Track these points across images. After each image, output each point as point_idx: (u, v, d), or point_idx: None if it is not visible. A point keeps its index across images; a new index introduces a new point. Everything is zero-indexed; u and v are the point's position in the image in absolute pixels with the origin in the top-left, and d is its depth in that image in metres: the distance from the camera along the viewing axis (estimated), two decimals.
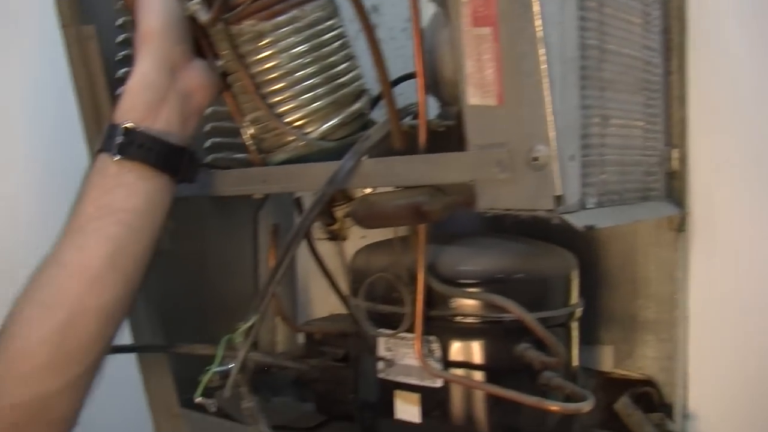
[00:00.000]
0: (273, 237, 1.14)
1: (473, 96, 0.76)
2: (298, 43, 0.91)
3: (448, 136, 0.85)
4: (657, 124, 0.98)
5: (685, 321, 1.03)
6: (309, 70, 0.92)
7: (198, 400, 0.95)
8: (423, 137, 0.83)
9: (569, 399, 0.86)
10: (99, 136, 0.89)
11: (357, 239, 1.21)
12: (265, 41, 0.91)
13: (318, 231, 1.20)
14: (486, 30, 0.74)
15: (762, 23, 0.97)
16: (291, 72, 0.92)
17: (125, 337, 1.06)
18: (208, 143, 1.16)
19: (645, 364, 1.05)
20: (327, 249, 1.25)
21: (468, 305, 0.91)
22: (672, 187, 1.01)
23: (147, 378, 1.22)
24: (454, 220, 0.85)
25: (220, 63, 0.94)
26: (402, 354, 0.94)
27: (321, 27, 0.93)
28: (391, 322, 0.93)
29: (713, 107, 1.00)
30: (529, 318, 0.85)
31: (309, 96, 0.92)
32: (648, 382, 1.04)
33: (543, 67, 0.71)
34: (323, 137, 0.93)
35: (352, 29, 0.96)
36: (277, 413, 1.12)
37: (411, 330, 0.90)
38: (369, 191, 0.92)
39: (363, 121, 0.96)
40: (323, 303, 1.36)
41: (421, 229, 0.88)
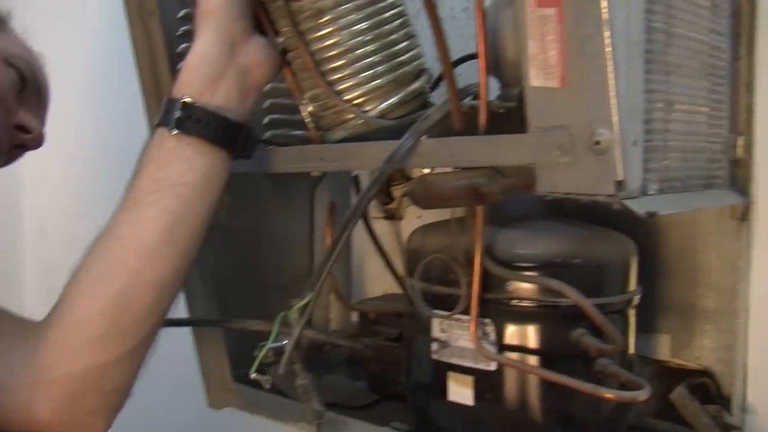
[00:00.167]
0: (330, 215, 1.14)
1: (535, 77, 0.75)
2: (358, 21, 0.91)
3: (508, 117, 0.84)
4: (722, 110, 0.96)
5: (746, 312, 1.00)
6: (369, 47, 0.92)
7: (253, 375, 0.96)
8: (483, 118, 0.82)
9: (624, 387, 0.86)
10: (158, 110, 0.90)
11: (413, 219, 1.21)
12: (326, 18, 0.91)
13: (374, 210, 1.20)
14: (550, 11, 0.73)
15: None
16: (351, 49, 0.91)
17: (181, 311, 1.06)
18: (266, 119, 1.16)
19: (703, 354, 1.04)
20: (383, 228, 1.25)
21: (524, 289, 0.90)
22: (736, 175, 0.99)
23: (201, 352, 1.23)
24: (511, 202, 0.84)
25: (280, 40, 0.94)
26: (456, 336, 0.93)
27: (382, 4, 0.92)
28: (446, 303, 0.93)
29: None
30: (587, 304, 0.84)
31: (369, 74, 0.92)
32: (705, 372, 1.03)
33: (608, 50, 0.70)
34: (382, 115, 0.93)
35: (412, 8, 0.96)
36: (329, 391, 1.12)
37: (466, 312, 0.90)
38: (427, 171, 0.92)
39: (422, 101, 0.96)
40: (377, 282, 1.36)
41: (479, 211, 0.87)
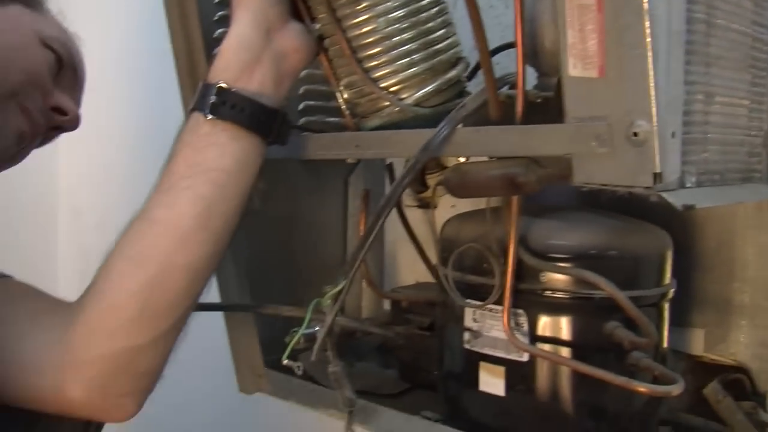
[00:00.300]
0: (364, 203, 1.13)
1: (574, 67, 0.75)
2: (395, 8, 0.91)
3: (544, 107, 0.84)
4: (763, 103, 0.94)
5: None
6: (406, 35, 0.91)
7: (285, 362, 0.96)
8: (520, 108, 0.82)
9: (657, 381, 0.85)
10: (194, 94, 0.90)
11: (447, 208, 1.21)
12: (363, 5, 0.91)
13: (408, 198, 1.20)
14: (590, 0, 0.72)
15: None
16: (388, 37, 0.91)
17: (213, 296, 1.07)
18: (301, 106, 1.16)
19: (738, 349, 1.03)
20: (416, 216, 1.25)
21: (558, 280, 0.90)
22: None
23: (233, 337, 1.23)
24: (546, 192, 0.84)
25: (316, 26, 0.94)
26: (489, 326, 0.93)
27: None
28: (479, 293, 0.93)
29: None
30: (622, 296, 0.84)
31: (405, 61, 0.92)
32: (740, 368, 1.02)
33: (648, 40, 0.69)
34: (418, 104, 0.92)
35: None
36: (360, 378, 1.12)
37: (499, 302, 0.90)
38: (463, 160, 0.91)
39: (458, 89, 0.96)
40: (410, 270, 1.36)
41: (514, 201, 0.87)
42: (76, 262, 2.32)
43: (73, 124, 1.08)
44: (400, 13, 0.91)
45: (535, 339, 0.91)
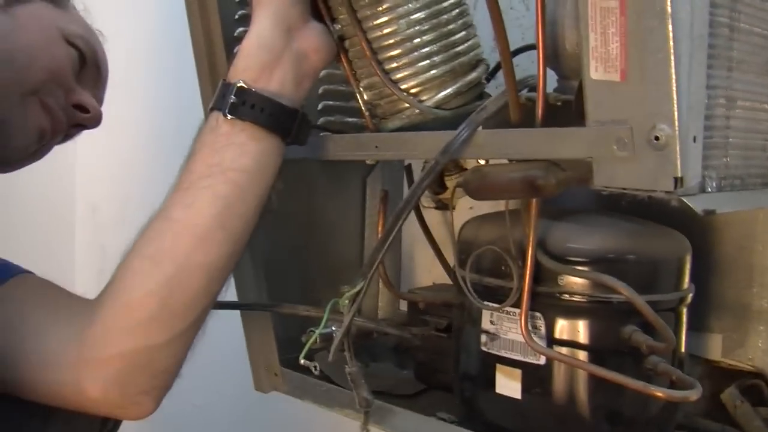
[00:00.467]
0: (383, 204, 1.13)
1: (596, 70, 0.74)
2: (416, 10, 0.91)
3: (565, 110, 0.84)
4: None
5: None
6: (427, 37, 0.91)
7: (302, 361, 0.96)
8: (541, 110, 0.81)
9: (675, 386, 0.85)
10: (214, 94, 0.90)
11: (464, 210, 1.21)
12: (384, 6, 0.91)
13: (426, 199, 1.20)
14: (613, 3, 0.72)
15: None
16: (408, 38, 0.91)
17: (231, 294, 1.07)
18: (320, 105, 1.16)
19: (756, 355, 1.02)
20: (433, 217, 1.24)
21: (576, 283, 0.89)
22: None
23: (250, 336, 1.24)
24: (565, 194, 0.83)
25: (337, 27, 0.94)
26: (506, 328, 0.93)
27: None
28: (497, 295, 0.93)
29: None
30: (640, 301, 0.84)
31: (426, 63, 0.92)
32: (758, 374, 1.01)
33: (670, 44, 0.69)
34: (438, 105, 0.92)
35: None
36: (376, 379, 1.12)
37: (517, 305, 0.90)
38: (482, 162, 0.91)
39: (479, 91, 0.96)
40: (426, 272, 1.36)
41: (533, 204, 0.86)
42: (92, 258, 2.33)
43: (95, 121, 1.09)
44: (421, 15, 0.91)
45: (552, 342, 0.91)
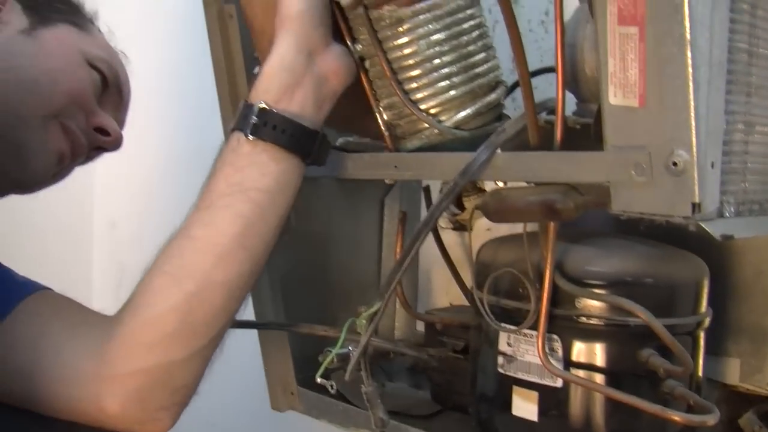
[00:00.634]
0: (401, 225, 1.14)
1: (614, 96, 0.75)
2: (436, 31, 0.91)
3: (584, 133, 0.84)
4: None
5: None
6: (446, 58, 0.92)
7: (319, 380, 0.97)
8: (560, 134, 0.82)
9: (692, 410, 0.85)
10: (234, 114, 0.91)
11: (482, 231, 1.21)
12: (404, 27, 0.91)
13: (443, 220, 1.20)
14: (632, 29, 0.72)
15: None
16: (428, 59, 0.92)
17: (248, 313, 1.07)
18: None
19: None
20: (451, 239, 1.25)
21: (594, 306, 0.89)
22: None
23: (267, 355, 1.24)
24: (583, 217, 0.84)
25: (358, 47, 0.95)
26: (523, 350, 0.93)
27: (460, 15, 0.92)
28: (514, 317, 0.93)
29: None
30: (658, 324, 0.84)
31: (445, 84, 0.92)
32: None
33: (689, 71, 0.70)
34: (457, 126, 0.93)
35: (489, 19, 0.96)
36: (392, 399, 1.12)
37: (534, 327, 0.90)
38: (500, 184, 0.92)
39: (498, 112, 0.96)
40: (443, 293, 1.36)
41: (552, 227, 0.87)
42: (110, 274, 2.33)
43: (116, 144, 1.09)
44: (441, 36, 0.91)
45: (569, 365, 0.91)
